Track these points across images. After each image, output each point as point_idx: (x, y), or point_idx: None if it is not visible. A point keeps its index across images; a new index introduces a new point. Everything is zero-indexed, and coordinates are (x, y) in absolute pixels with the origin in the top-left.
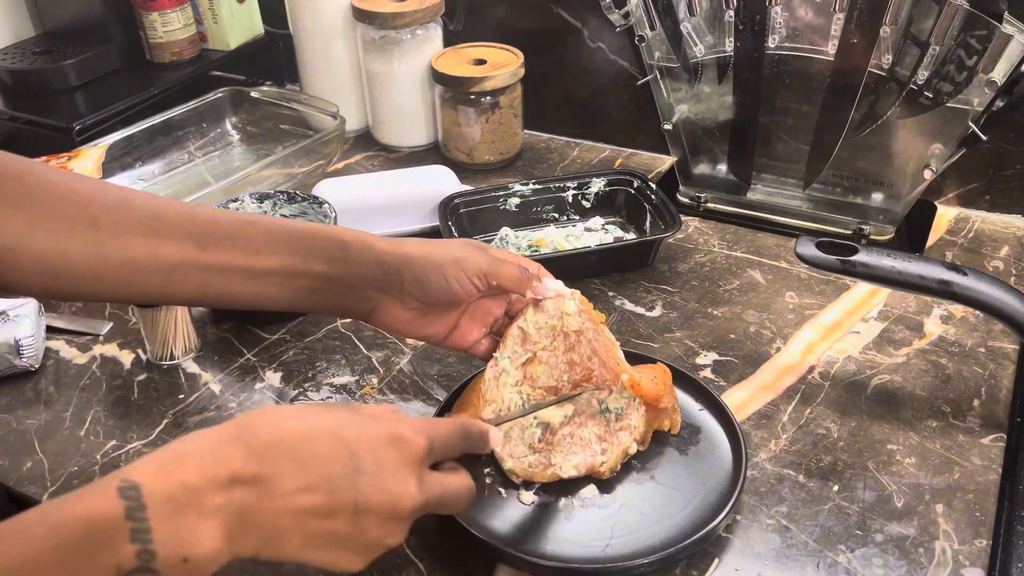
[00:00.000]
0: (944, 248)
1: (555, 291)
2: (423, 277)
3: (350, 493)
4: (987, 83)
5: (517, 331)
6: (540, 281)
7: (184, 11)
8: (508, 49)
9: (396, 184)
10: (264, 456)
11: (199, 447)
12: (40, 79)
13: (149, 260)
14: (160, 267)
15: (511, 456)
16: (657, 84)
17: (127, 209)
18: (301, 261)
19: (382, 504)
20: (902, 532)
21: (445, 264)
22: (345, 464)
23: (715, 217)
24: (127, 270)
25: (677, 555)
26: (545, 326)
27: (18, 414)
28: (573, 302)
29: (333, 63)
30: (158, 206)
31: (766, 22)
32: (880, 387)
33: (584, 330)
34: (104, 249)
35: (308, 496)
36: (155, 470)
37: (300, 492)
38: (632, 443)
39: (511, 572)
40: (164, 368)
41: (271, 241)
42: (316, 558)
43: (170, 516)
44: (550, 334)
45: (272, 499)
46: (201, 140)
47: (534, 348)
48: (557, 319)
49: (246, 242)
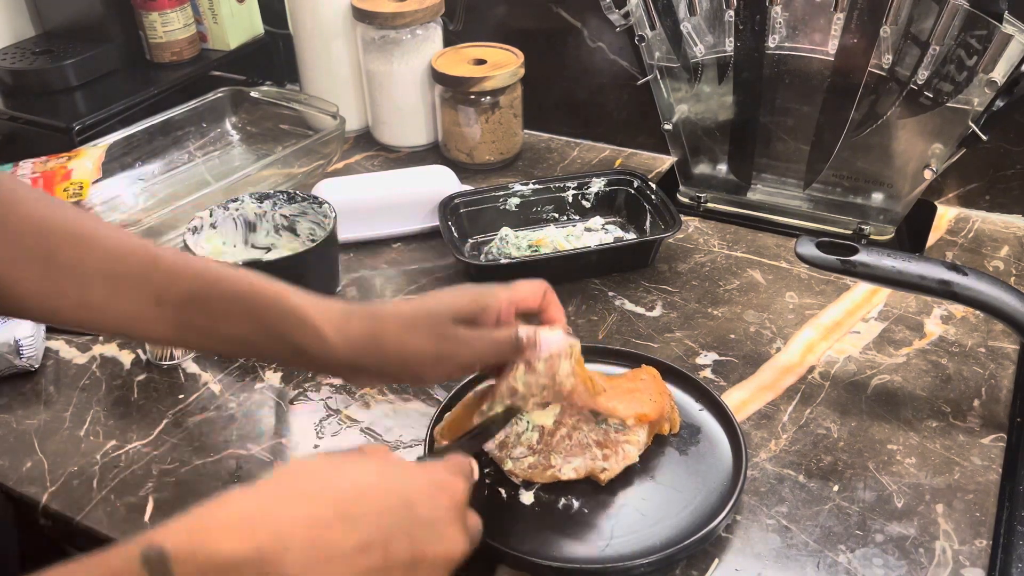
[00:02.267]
0: (944, 248)
1: (549, 352)
2: (394, 372)
3: (407, 546)
4: (987, 83)
5: (507, 389)
6: (535, 347)
7: (184, 11)
8: (508, 49)
9: (396, 184)
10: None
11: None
12: (40, 79)
13: (109, 305)
14: (121, 314)
15: (510, 457)
16: (657, 84)
17: (87, 248)
18: (263, 338)
19: (437, 554)
20: (902, 532)
21: (421, 365)
22: (400, 516)
23: (715, 217)
24: (88, 310)
25: (677, 555)
26: (536, 384)
27: (18, 414)
28: (567, 362)
29: (333, 63)
30: (119, 247)
31: (766, 22)
32: (880, 387)
33: (578, 392)
34: (62, 288)
35: (365, 556)
36: (184, 537)
37: (356, 552)
38: (635, 453)
39: (511, 572)
40: (164, 368)
41: (228, 312)
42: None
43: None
44: (540, 392)
45: (328, 564)
46: (201, 140)
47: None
48: (549, 379)
49: (203, 305)
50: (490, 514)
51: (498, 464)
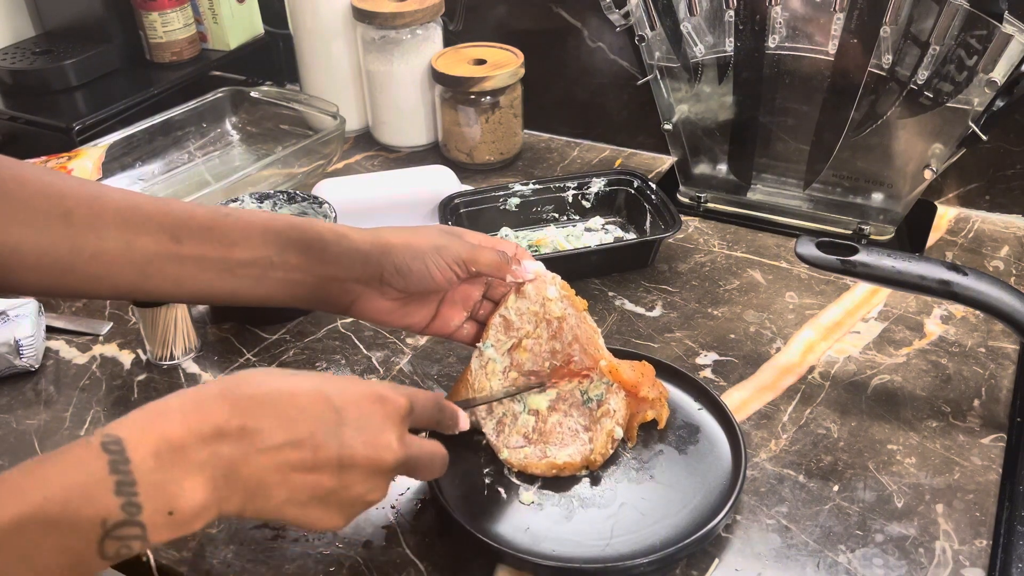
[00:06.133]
0: (944, 248)
1: (534, 272)
2: (403, 267)
3: (334, 447)
4: (987, 83)
5: (500, 319)
6: (519, 264)
7: (184, 11)
8: (508, 49)
9: (396, 184)
10: (249, 410)
11: (183, 402)
12: (40, 79)
13: (123, 253)
14: (134, 260)
15: (507, 446)
16: (657, 84)
17: (101, 202)
18: (277, 253)
19: (366, 457)
20: (902, 532)
21: (425, 253)
22: (329, 419)
23: (715, 217)
24: (101, 263)
25: (677, 555)
26: (527, 312)
27: (18, 414)
28: (554, 287)
29: (333, 63)
30: (133, 200)
31: (766, 22)
32: (880, 387)
33: (566, 316)
34: (78, 242)
35: (294, 450)
36: (139, 425)
37: (286, 446)
38: (615, 426)
39: (511, 572)
40: (164, 368)
41: (246, 233)
42: (299, 515)
43: (155, 469)
44: (533, 320)
45: (258, 453)
46: (201, 140)
47: (518, 335)
48: (539, 305)
49: (221, 234)
50: (490, 514)
51: (495, 452)
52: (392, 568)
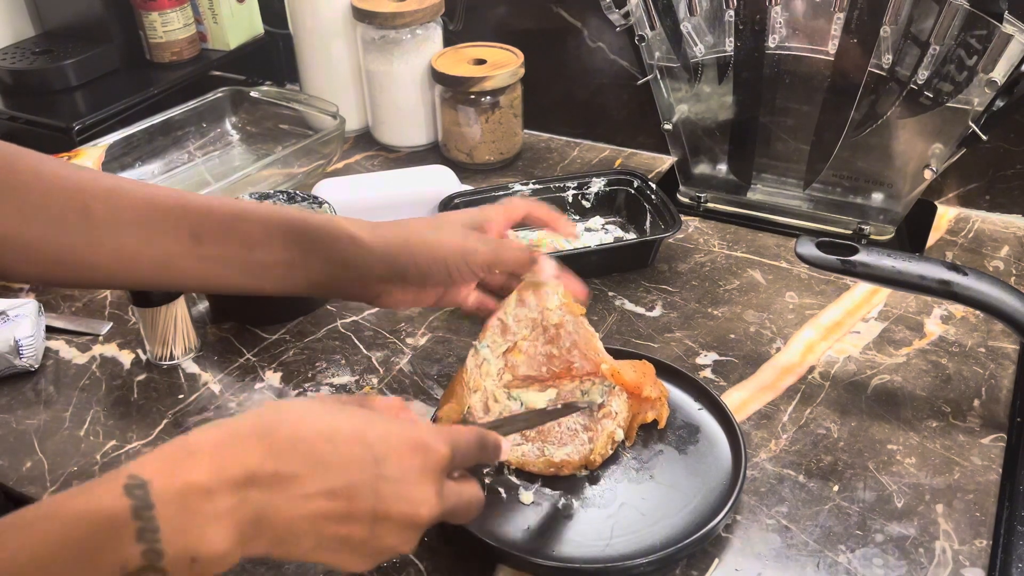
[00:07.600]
0: (944, 248)
1: (550, 275)
2: (426, 269)
3: (371, 500)
4: (987, 83)
5: (498, 323)
6: (538, 263)
7: (184, 11)
8: (508, 49)
9: (396, 184)
10: (284, 454)
11: (213, 442)
12: (40, 79)
13: (143, 250)
14: (155, 258)
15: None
16: (657, 84)
17: (120, 197)
18: (299, 256)
19: (401, 512)
20: (902, 532)
21: (448, 257)
22: (368, 469)
23: (715, 217)
24: (121, 260)
25: (677, 555)
26: (525, 319)
27: (18, 414)
28: (556, 296)
29: (333, 63)
30: (151, 194)
31: (766, 22)
32: (880, 387)
33: (564, 323)
34: (97, 238)
35: (328, 500)
36: (167, 467)
37: (320, 495)
38: (616, 428)
39: (511, 572)
40: (164, 368)
41: (267, 234)
42: (326, 559)
43: (179, 515)
44: (529, 326)
45: (290, 500)
46: (201, 140)
47: (514, 339)
48: (538, 312)
49: (242, 235)
50: (490, 514)
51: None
52: (392, 568)
